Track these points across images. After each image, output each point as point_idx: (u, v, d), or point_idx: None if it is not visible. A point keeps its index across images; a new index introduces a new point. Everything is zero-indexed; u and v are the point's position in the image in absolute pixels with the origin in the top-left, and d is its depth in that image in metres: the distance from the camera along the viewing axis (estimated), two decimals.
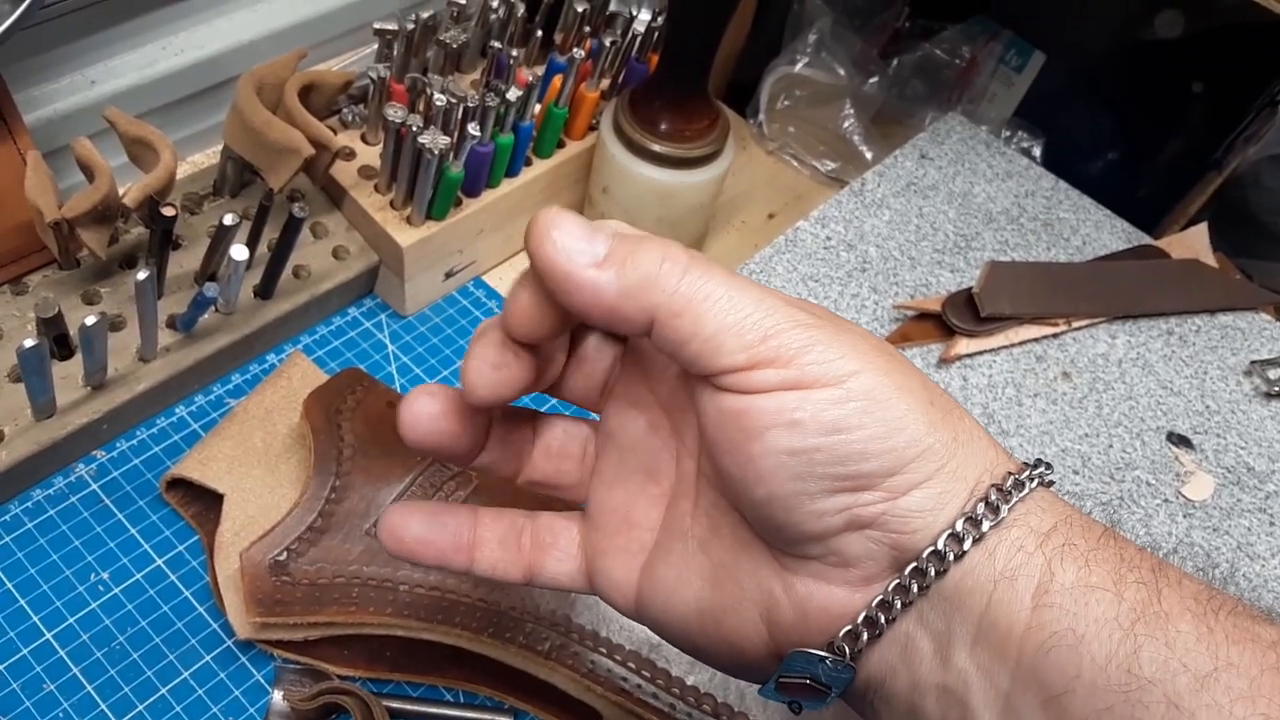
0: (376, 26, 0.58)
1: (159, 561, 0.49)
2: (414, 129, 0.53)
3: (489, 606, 0.45)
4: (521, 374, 0.29)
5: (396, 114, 0.53)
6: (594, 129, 0.64)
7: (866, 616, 0.27)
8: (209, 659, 0.47)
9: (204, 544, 0.50)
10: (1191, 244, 0.69)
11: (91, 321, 0.44)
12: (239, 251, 0.48)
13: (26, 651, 0.46)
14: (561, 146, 0.63)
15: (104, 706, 0.45)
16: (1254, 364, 0.63)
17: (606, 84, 0.64)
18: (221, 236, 0.51)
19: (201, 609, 0.48)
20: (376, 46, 0.59)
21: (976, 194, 0.70)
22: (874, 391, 0.26)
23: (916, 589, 0.27)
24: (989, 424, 0.58)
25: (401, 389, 0.58)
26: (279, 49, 0.59)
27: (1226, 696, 0.23)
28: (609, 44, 0.62)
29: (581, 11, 0.63)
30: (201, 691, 0.46)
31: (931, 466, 0.27)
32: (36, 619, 0.47)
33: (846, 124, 0.75)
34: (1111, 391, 0.61)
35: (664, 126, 0.59)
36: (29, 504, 0.50)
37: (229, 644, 0.47)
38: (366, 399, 0.51)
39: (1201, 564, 0.54)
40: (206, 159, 0.61)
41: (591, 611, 0.46)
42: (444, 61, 0.61)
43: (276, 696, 0.45)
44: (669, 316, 0.27)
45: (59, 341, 0.50)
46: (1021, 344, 0.62)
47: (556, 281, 0.27)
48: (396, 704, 0.46)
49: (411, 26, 0.58)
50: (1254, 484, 0.58)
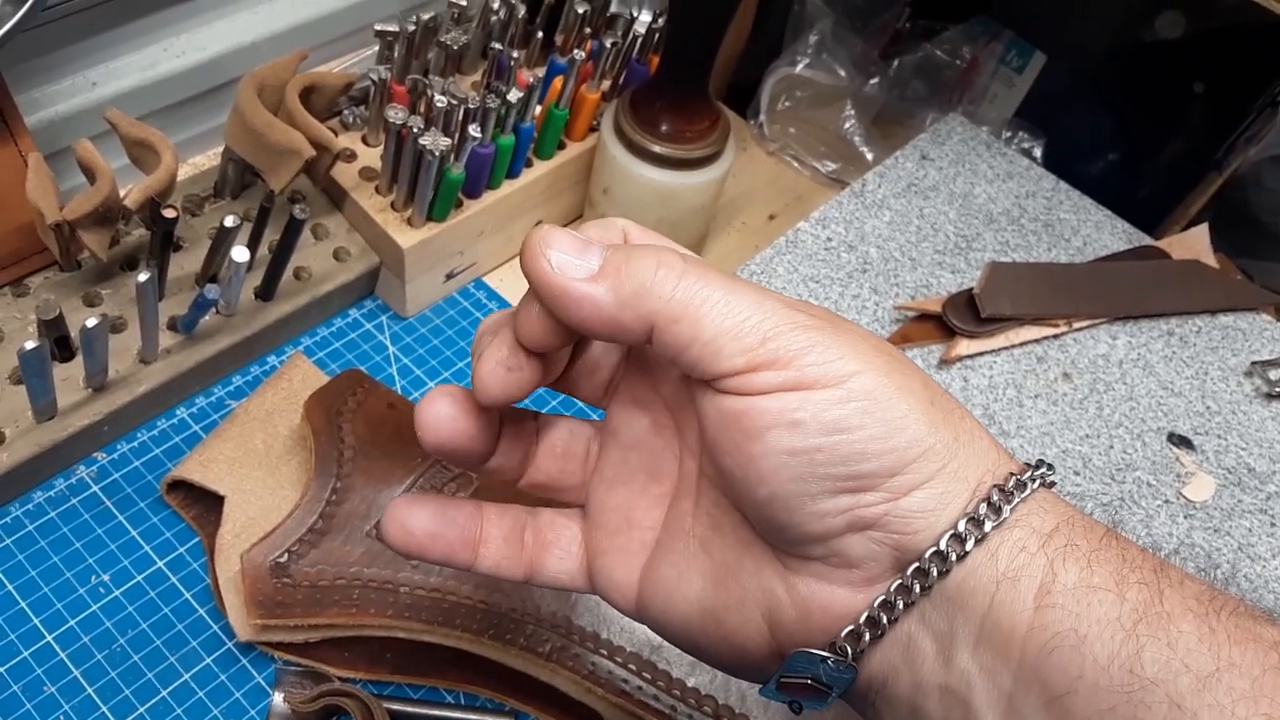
0: (377, 28, 0.58)
1: (160, 563, 0.49)
2: (415, 130, 0.53)
3: (490, 608, 0.45)
4: (533, 375, 0.30)
5: (397, 115, 0.53)
6: (595, 130, 0.64)
7: (868, 617, 0.27)
8: (210, 661, 0.47)
9: (205, 546, 0.50)
10: (1192, 245, 0.69)
11: (92, 323, 0.45)
12: (240, 253, 0.49)
13: (27, 654, 0.46)
14: (562, 148, 0.63)
15: (105, 709, 0.45)
16: (1255, 365, 0.63)
17: (607, 85, 0.64)
18: (222, 238, 0.51)
19: (202, 611, 0.48)
20: (377, 48, 0.59)
21: (977, 195, 0.70)
22: (875, 392, 0.26)
23: (919, 589, 0.27)
24: (989, 425, 0.58)
25: (402, 390, 0.58)
26: (280, 51, 0.59)
27: (1229, 696, 0.23)
28: (610, 45, 0.62)
29: (582, 13, 0.63)
30: (202, 693, 0.46)
31: (933, 467, 0.27)
32: (37, 621, 0.47)
33: (847, 125, 0.75)
34: (1112, 392, 0.61)
35: (665, 128, 0.59)
36: (30, 506, 0.50)
37: (230, 646, 0.47)
38: (367, 400, 0.51)
39: (1203, 565, 0.54)
40: (208, 161, 0.61)
41: (592, 613, 0.46)
42: (445, 63, 0.61)
43: (277, 698, 0.45)
44: (667, 323, 0.27)
45: (60, 343, 0.50)
46: (1022, 345, 0.62)
47: (554, 299, 0.27)
48: (397, 706, 0.46)
49: (412, 28, 0.59)
50: (1255, 485, 0.58)
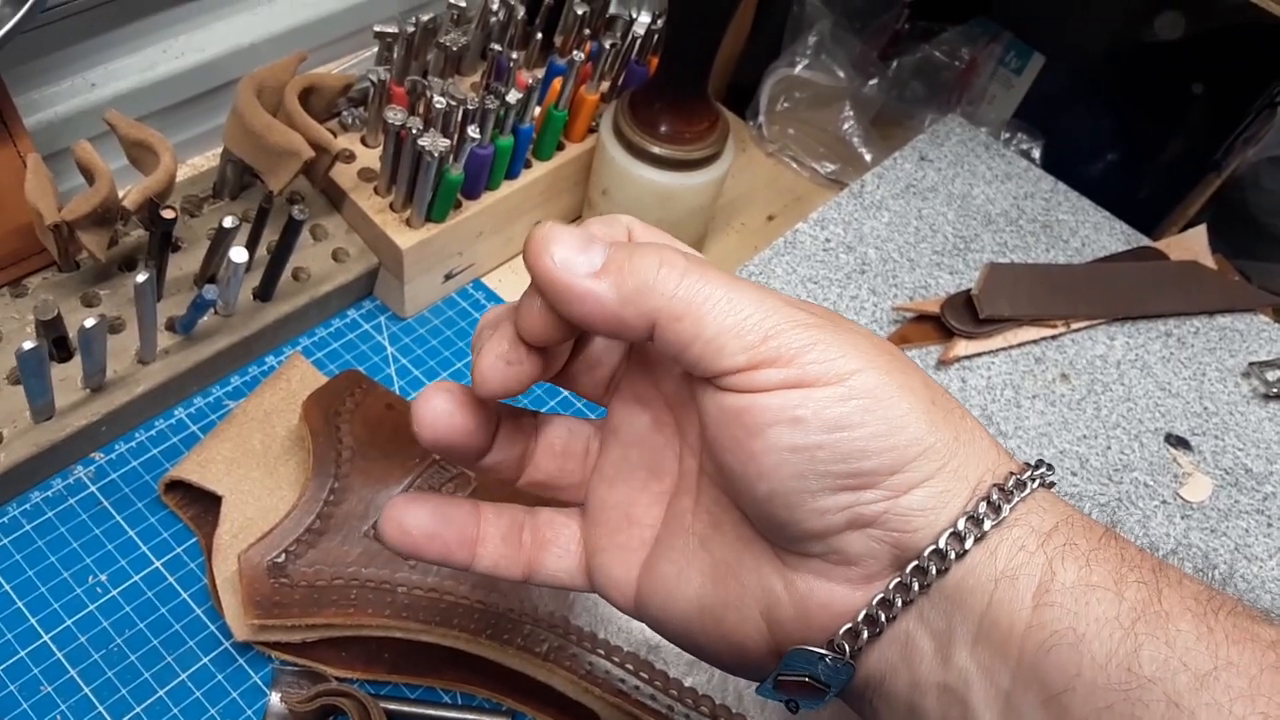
0: (376, 29, 0.58)
1: (157, 563, 0.49)
2: (414, 131, 0.53)
3: (487, 608, 0.45)
4: (533, 369, 0.30)
5: (396, 116, 0.53)
6: (594, 131, 0.64)
7: (867, 614, 0.27)
8: (207, 661, 0.47)
9: (202, 546, 0.50)
10: (1190, 245, 0.69)
11: (91, 324, 0.44)
12: (238, 254, 0.49)
13: (24, 654, 0.46)
14: (561, 149, 0.63)
15: (101, 708, 0.45)
16: (1252, 365, 0.63)
17: (606, 86, 0.64)
18: (221, 239, 0.51)
19: (200, 611, 0.48)
20: (376, 49, 0.59)
21: (976, 196, 0.70)
22: (876, 390, 0.26)
23: (917, 587, 0.27)
24: (987, 426, 0.58)
25: (401, 391, 0.58)
26: (279, 52, 0.59)
27: (1226, 695, 0.23)
28: (609, 46, 0.62)
29: (581, 14, 0.63)
30: (199, 693, 0.46)
31: (933, 465, 0.27)
32: (34, 621, 0.47)
33: (846, 126, 0.76)
34: (1110, 393, 0.61)
35: (664, 129, 0.59)
36: (27, 506, 0.50)
37: (227, 646, 0.47)
38: (365, 401, 0.51)
39: (1200, 565, 0.54)
40: (206, 162, 0.61)
41: (589, 613, 0.46)
42: (444, 64, 0.61)
43: (274, 698, 0.45)
44: (669, 320, 0.27)
45: (58, 344, 0.50)
46: (1020, 346, 0.62)
47: (557, 296, 0.27)
48: (394, 706, 0.46)
49: (411, 29, 0.59)
50: (1252, 485, 0.58)
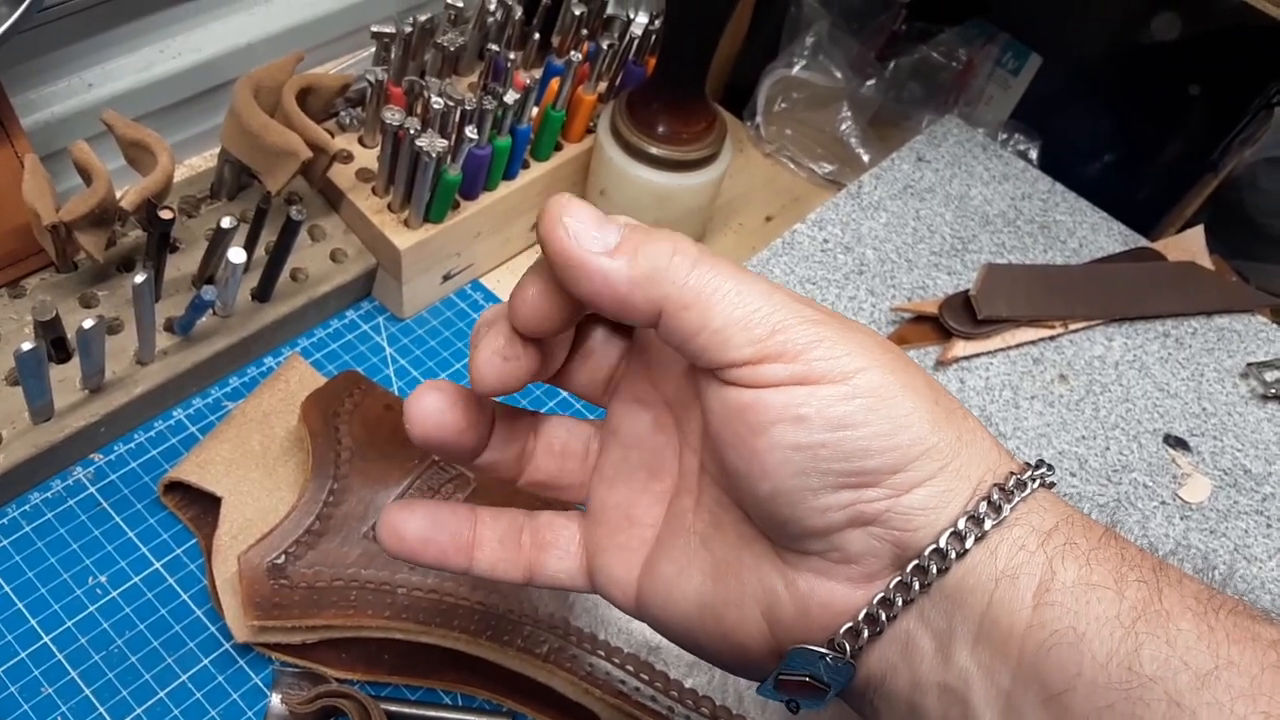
0: (374, 30, 0.58)
1: (157, 565, 0.49)
2: (411, 132, 0.53)
3: (487, 609, 0.45)
4: (530, 365, 0.30)
5: (394, 117, 0.53)
6: (591, 132, 0.64)
7: (867, 614, 0.27)
8: (207, 662, 0.47)
9: (202, 547, 0.50)
10: (1188, 246, 0.69)
11: (89, 324, 0.44)
12: (236, 254, 0.48)
13: (24, 655, 0.46)
14: (559, 149, 0.63)
15: (102, 710, 0.45)
16: (1250, 366, 0.63)
17: (604, 87, 0.64)
18: (219, 239, 0.51)
19: (199, 612, 0.48)
20: (374, 49, 0.59)
21: (973, 196, 0.70)
22: (880, 389, 0.26)
23: (918, 586, 0.27)
24: (986, 426, 0.58)
25: (399, 392, 0.57)
26: (276, 52, 0.59)
27: (1227, 694, 0.23)
28: (606, 47, 0.62)
29: (579, 14, 0.63)
30: (200, 695, 0.46)
31: (935, 465, 0.27)
32: (34, 622, 0.47)
33: (844, 126, 0.76)
34: (1108, 394, 0.61)
35: (661, 129, 0.59)
36: (26, 507, 0.50)
37: (227, 647, 0.47)
38: (364, 402, 0.51)
39: (1199, 566, 0.54)
40: (204, 162, 0.61)
41: (590, 614, 0.46)
42: (441, 64, 0.61)
43: (275, 699, 0.45)
44: (678, 309, 0.27)
45: (56, 344, 0.50)
46: (1018, 346, 0.62)
47: (568, 268, 0.27)
48: (395, 707, 0.46)
49: (409, 29, 0.59)
50: (1250, 486, 0.58)
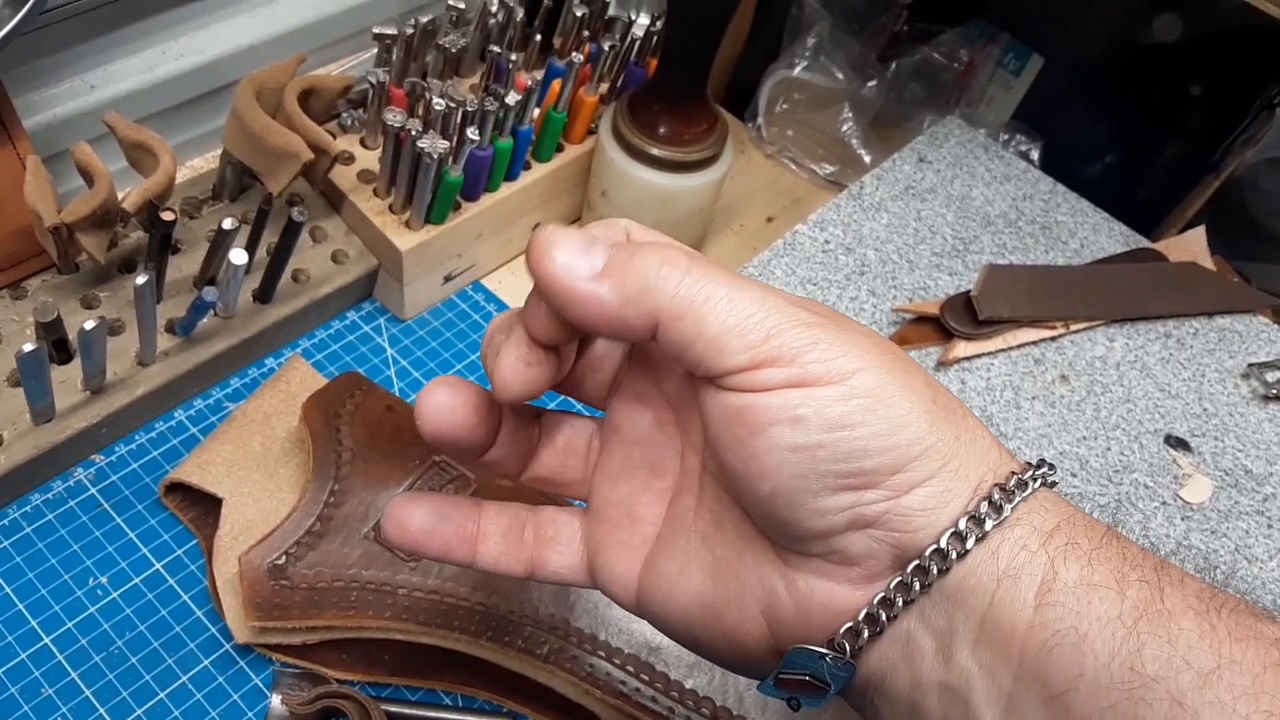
0: (376, 31, 0.58)
1: (157, 565, 0.49)
2: (413, 133, 0.53)
3: (487, 610, 0.45)
4: (551, 370, 0.30)
5: (395, 118, 0.53)
6: (593, 133, 0.64)
7: (868, 614, 0.27)
8: (207, 663, 0.47)
9: (202, 548, 0.50)
10: (1189, 247, 0.69)
11: (90, 326, 0.44)
12: (238, 255, 0.49)
13: (25, 656, 0.46)
14: (560, 150, 0.63)
15: (102, 711, 0.45)
16: (1251, 367, 0.63)
17: (605, 88, 0.64)
18: (220, 241, 0.51)
19: (200, 613, 0.48)
20: (376, 51, 0.59)
21: (975, 197, 0.70)
22: (877, 389, 0.26)
23: (919, 587, 0.27)
24: (987, 427, 0.58)
25: (401, 393, 0.58)
26: (278, 54, 0.59)
27: (1230, 693, 0.23)
28: (608, 48, 0.62)
29: (580, 16, 0.63)
30: (200, 695, 0.46)
31: (934, 465, 0.27)
32: (35, 623, 0.47)
33: (845, 127, 0.76)
34: (1109, 394, 0.61)
35: (663, 130, 0.59)
36: (27, 508, 0.50)
37: (227, 648, 0.47)
38: (365, 403, 0.51)
39: (1200, 566, 0.54)
40: (206, 163, 0.61)
41: (590, 615, 0.46)
42: (443, 66, 0.61)
43: (275, 700, 0.45)
44: (672, 320, 0.27)
45: (58, 346, 0.50)
46: (1019, 347, 0.62)
47: (560, 298, 0.27)
48: (395, 708, 0.46)
49: (411, 31, 0.59)
50: (1252, 486, 0.58)
